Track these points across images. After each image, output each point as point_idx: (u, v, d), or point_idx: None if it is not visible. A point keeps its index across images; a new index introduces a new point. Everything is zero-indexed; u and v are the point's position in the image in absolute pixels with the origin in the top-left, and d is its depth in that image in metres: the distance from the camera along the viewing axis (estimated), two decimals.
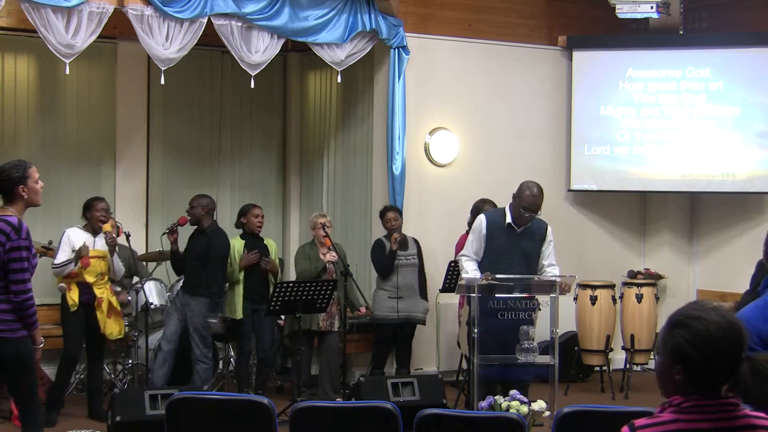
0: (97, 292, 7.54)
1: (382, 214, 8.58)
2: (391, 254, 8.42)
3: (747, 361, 2.47)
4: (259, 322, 8.29)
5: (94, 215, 7.59)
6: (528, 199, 6.81)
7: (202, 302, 8.11)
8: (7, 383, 5.34)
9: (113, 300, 7.69)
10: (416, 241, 8.69)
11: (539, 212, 6.91)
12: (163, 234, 8.24)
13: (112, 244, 7.59)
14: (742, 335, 2.48)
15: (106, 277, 7.66)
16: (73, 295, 7.45)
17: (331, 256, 8.20)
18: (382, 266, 8.49)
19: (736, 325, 2.48)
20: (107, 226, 7.57)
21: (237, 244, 8.36)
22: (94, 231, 7.59)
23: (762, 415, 2.53)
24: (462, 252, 7.13)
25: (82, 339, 7.67)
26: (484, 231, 6.94)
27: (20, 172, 5.10)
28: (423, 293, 8.65)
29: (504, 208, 7.03)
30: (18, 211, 5.10)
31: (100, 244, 7.58)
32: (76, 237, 7.55)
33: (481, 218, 7.04)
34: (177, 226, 8.14)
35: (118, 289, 8.01)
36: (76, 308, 7.45)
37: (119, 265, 7.76)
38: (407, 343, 8.68)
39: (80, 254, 7.44)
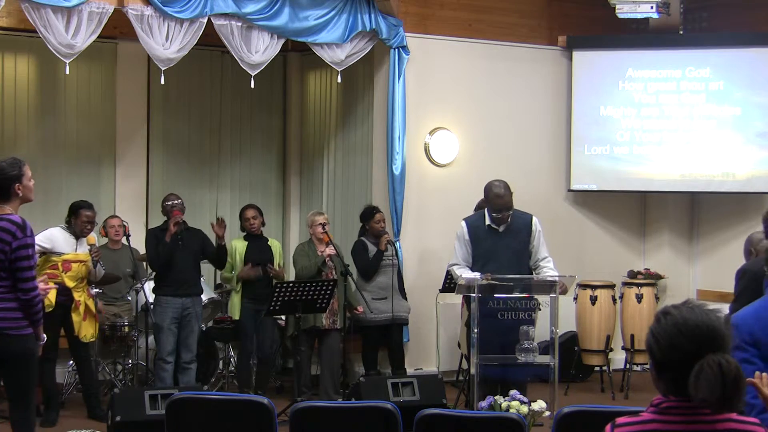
0: (75, 295, 7.47)
1: (371, 215, 8.48)
2: (378, 255, 8.41)
3: (700, 362, 2.38)
4: (261, 322, 8.29)
5: (78, 222, 7.50)
6: (495, 201, 6.84)
7: (201, 301, 8.17)
8: (6, 380, 5.29)
9: (90, 303, 7.62)
10: (392, 241, 8.69)
11: (511, 208, 6.88)
12: (178, 236, 7.98)
13: (96, 259, 7.49)
14: (708, 336, 2.41)
15: (85, 281, 7.59)
16: (50, 296, 7.34)
17: (330, 250, 8.19)
18: (368, 267, 8.45)
19: (704, 325, 2.43)
20: (92, 239, 7.50)
21: (239, 246, 8.36)
22: (77, 235, 7.51)
23: (749, 419, 2.50)
24: (451, 261, 7.11)
25: (57, 338, 7.56)
26: (467, 237, 6.95)
27: (16, 170, 5.13)
28: (404, 293, 8.65)
29: (483, 211, 7.04)
30: (14, 209, 5.13)
31: (81, 249, 7.50)
32: (56, 237, 7.48)
33: (462, 224, 7.05)
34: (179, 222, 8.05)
35: (94, 291, 7.89)
36: (51, 309, 7.21)
37: (101, 271, 7.66)
38: (398, 344, 8.66)
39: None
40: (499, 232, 6.92)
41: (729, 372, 2.36)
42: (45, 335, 5.32)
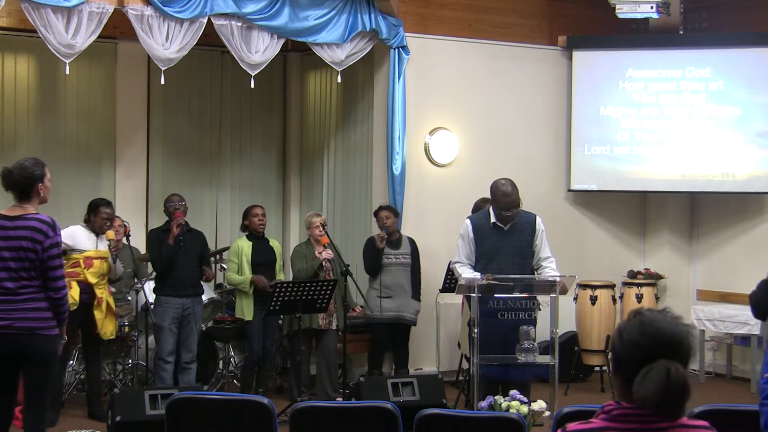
0: (98, 292, 7.55)
1: (376, 213, 8.59)
2: (377, 252, 8.42)
3: (651, 363, 2.36)
4: (265, 322, 8.28)
5: (97, 219, 7.60)
6: (502, 199, 6.82)
7: (201, 301, 8.17)
8: (26, 380, 5.25)
9: (111, 300, 7.70)
10: (411, 241, 8.67)
11: (519, 206, 6.88)
12: (179, 237, 7.97)
13: (116, 253, 7.61)
14: (669, 342, 2.40)
15: (106, 278, 7.68)
16: (74, 294, 7.43)
17: (327, 253, 8.18)
18: (368, 264, 8.51)
19: (668, 330, 2.41)
20: (111, 234, 7.58)
21: (245, 246, 8.32)
22: (97, 232, 7.61)
23: (699, 423, 2.48)
24: (454, 259, 7.10)
25: (75, 338, 7.64)
26: (471, 235, 6.93)
27: (39, 170, 5.19)
28: (416, 293, 8.62)
29: (488, 209, 7.05)
30: (34, 208, 5.15)
31: (102, 246, 7.60)
32: (77, 235, 7.55)
33: (467, 223, 7.03)
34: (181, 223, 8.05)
35: (113, 289, 7.99)
36: (75, 307, 7.41)
37: (120, 267, 7.77)
38: (403, 344, 8.66)
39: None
40: (503, 230, 6.91)
41: (676, 379, 2.34)
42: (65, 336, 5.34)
